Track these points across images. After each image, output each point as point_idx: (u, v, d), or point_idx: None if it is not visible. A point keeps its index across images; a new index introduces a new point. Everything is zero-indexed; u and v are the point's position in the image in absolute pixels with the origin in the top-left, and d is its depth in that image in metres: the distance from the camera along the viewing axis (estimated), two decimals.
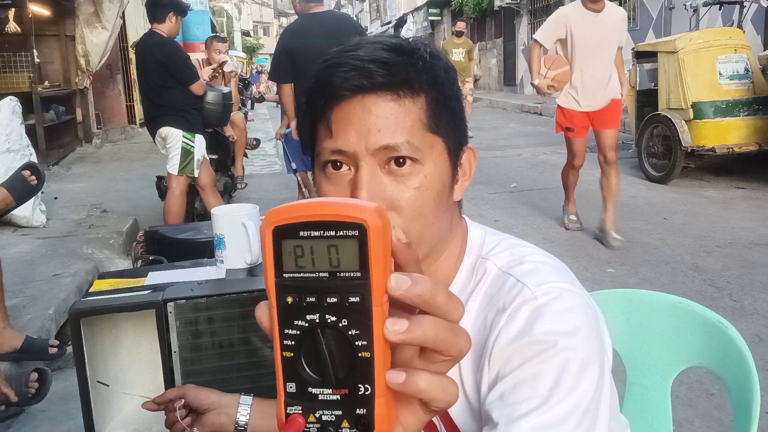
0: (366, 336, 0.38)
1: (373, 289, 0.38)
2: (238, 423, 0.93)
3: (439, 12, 22.90)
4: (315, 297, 0.38)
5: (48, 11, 8.27)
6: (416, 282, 0.38)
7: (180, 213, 4.16)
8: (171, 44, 4.11)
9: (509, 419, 0.65)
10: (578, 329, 0.69)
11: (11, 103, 4.37)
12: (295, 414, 0.40)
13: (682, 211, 4.95)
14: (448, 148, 0.74)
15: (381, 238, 0.38)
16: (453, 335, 0.40)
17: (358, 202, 0.39)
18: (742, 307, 3.10)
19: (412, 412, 0.42)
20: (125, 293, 1.05)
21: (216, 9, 26.31)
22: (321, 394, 0.40)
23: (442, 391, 0.40)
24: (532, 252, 0.80)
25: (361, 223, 0.37)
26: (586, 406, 0.66)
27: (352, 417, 0.39)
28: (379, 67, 0.68)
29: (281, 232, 0.39)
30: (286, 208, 0.39)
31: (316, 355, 0.39)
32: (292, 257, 0.39)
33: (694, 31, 6.26)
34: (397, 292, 0.38)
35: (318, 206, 0.38)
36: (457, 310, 0.40)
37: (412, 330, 0.38)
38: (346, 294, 0.38)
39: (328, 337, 0.39)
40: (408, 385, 0.39)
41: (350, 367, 0.39)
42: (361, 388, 0.39)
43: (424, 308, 0.39)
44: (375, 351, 0.38)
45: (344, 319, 0.38)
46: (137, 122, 10.80)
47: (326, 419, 0.40)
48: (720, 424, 2.17)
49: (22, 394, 2.22)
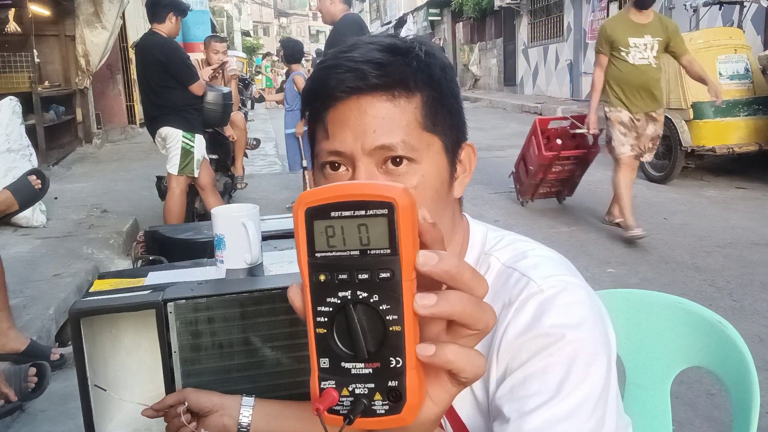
0: (396, 310, 0.40)
1: (403, 264, 0.39)
2: (240, 424, 0.93)
3: (439, 12, 22.91)
4: (347, 274, 0.40)
5: (48, 11, 8.26)
6: (443, 258, 0.40)
7: (180, 213, 4.16)
8: (171, 44, 4.11)
9: (521, 413, 0.65)
10: (584, 322, 0.70)
11: (11, 103, 4.37)
12: (329, 388, 0.42)
13: (682, 211, 4.95)
14: (446, 146, 0.74)
15: (409, 216, 0.39)
16: (479, 309, 0.41)
17: (386, 183, 0.41)
18: (742, 307, 3.11)
19: (440, 385, 0.43)
20: (125, 293, 1.05)
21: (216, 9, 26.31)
22: (353, 368, 0.41)
23: (469, 363, 0.41)
24: (535, 247, 0.81)
25: (390, 202, 0.39)
26: (596, 397, 0.66)
27: (384, 389, 0.41)
28: (373, 68, 0.69)
29: (313, 213, 0.40)
30: (318, 190, 0.41)
31: (348, 330, 0.41)
32: (323, 237, 0.40)
33: (694, 31, 6.27)
34: (425, 268, 0.39)
35: (348, 187, 0.40)
36: (482, 286, 0.42)
37: (440, 304, 0.40)
38: (376, 270, 0.40)
39: (359, 313, 0.40)
40: (437, 357, 0.40)
41: (381, 342, 0.41)
42: (392, 361, 0.40)
43: (451, 284, 0.41)
44: (405, 325, 0.40)
45: (375, 294, 0.40)
46: (137, 122, 10.79)
47: (359, 392, 0.41)
48: (720, 424, 2.17)
49: (22, 390, 2.22)
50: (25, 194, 2.48)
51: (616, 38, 4.06)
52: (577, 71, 13.61)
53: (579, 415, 0.65)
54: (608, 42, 4.10)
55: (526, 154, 5.06)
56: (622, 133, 4.16)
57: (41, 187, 2.52)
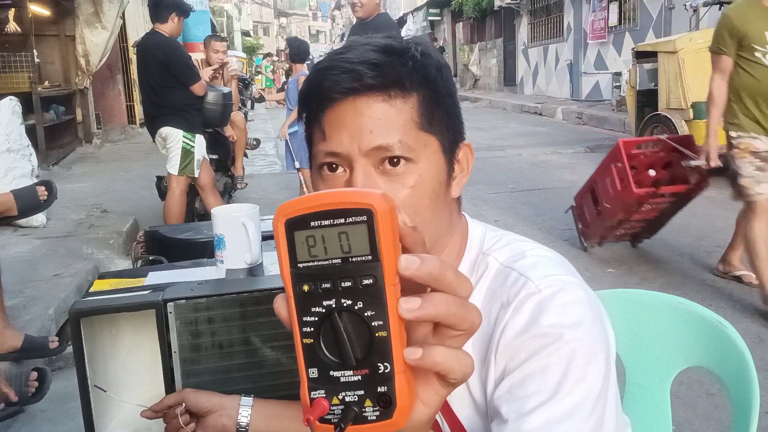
0: (381, 316, 0.40)
1: (385, 270, 0.39)
2: (239, 424, 0.93)
3: (439, 12, 22.91)
4: (330, 283, 0.40)
5: (48, 11, 8.26)
6: (425, 261, 0.40)
7: (180, 213, 4.16)
8: (172, 44, 4.11)
9: (519, 414, 0.65)
10: (582, 321, 0.70)
11: (11, 103, 4.37)
12: (319, 398, 0.42)
13: (682, 211, 4.95)
14: (443, 146, 0.74)
15: (389, 221, 0.39)
16: (464, 309, 0.41)
17: (364, 189, 0.41)
18: (742, 307, 3.11)
19: (430, 387, 0.43)
20: (125, 293, 1.05)
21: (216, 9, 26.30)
22: (342, 377, 0.41)
23: (458, 363, 0.42)
24: (533, 247, 0.81)
25: (368, 209, 0.39)
26: (595, 397, 0.66)
27: (374, 395, 0.41)
28: (369, 69, 0.69)
29: (293, 223, 0.40)
30: (296, 201, 0.41)
31: (335, 338, 0.41)
32: (305, 247, 0.40)
33: (694, 31, 6.28)
34: (407, 272, 0.39)
35: (326, 196, 0.40)
36: (466, 286, 0.42)
37: (425, 307, 0.40)
38: (359, 277, 0.40)
39: (345, 321, 0.40)
40: (425, 360, 0.40)
41: (368, 348, 0.41)
42: (380, 366, 0.41)
43: (434, 286, 0.41)
44: (391, 330, 0.40)
45: (359, 301, 0.40)
46: (137, 122, 10.79)
47: (349, 400, 0.41)
48: (720, 424, 2.17)
49: (22, 393, 2.22)
50: (28, 201, 2.48)
51: (749, 32, 2.90)
52: (577, 71, 13.61)
53: (578, 415, 0.65)
54: (735, 37, 2.94)
55: (599, 187, 3.78)
56: (758, 167, 2.97)
57: (46, 199, 2.52)
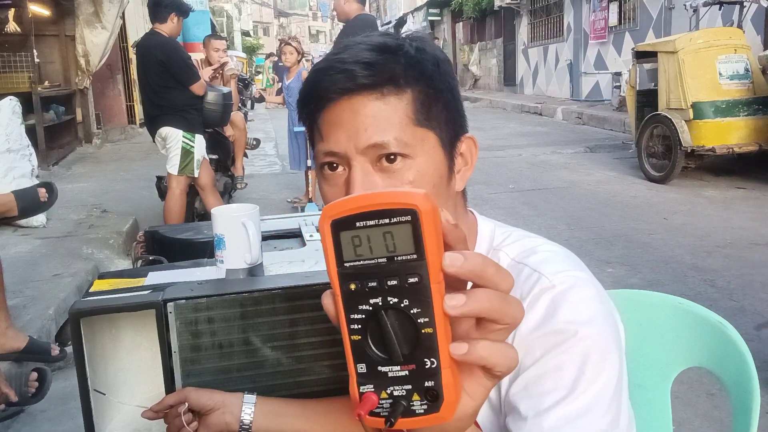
0: (427, 313, 0.41)
1: (430, 268, 0.40)
2: (242, 422, 0.93)
3: (439, 12, 22.92)
4: (376, 282, 0.41)
5: (48, 11, 8.26)
6: (468, 258, 0.41)
7: (180, 213, 4.16)
8: (172, 44, 4.11)
9: (537, 411, 0.66)
10: (595, 317, 0.70)
11: (11, 103, 4.37)
12: (368, 392, 0.43)
13: (682, 211, 4.95)
14: (442, 140, 0.75)
15: (432, 221, 0.41)
16: (506, 304, 0.42)
17: (407, 190, 0.42)
18: (742, 307, 3.10)
19: (475, 380, 0.44)
20: (125, 293, 1.05)
21: (216, 9, 26.32)
22: (390, 372, 0.43)
23: (502, 357, 0.43)
24: (543, 242, 0.81)
25: (412, 209, 0.40)
26: (611, 392, 0.67)
27: (422, 390, 0.42)
28: (362, 69, 0.70)
29: (338, 224, 0.42)
30: (341, 202, 0.42)
31: (382, 335, 0.42)
32: (350, 247, 0.41)
33: (694, 31, 6.26)
34: (451, 269, 0.41)
35: (370, 197, 0.41)
36: (507, 280, 0.43)
37: (470, 303, 0.41)
38: (404, 276, 0.41)
39: (391, 318, 0.42)
40: (470, 355, 0.42)
41: (415, 344, 0.42)
42: (427, 362, 0.42)
43: (477, 282, 0.42)
44: (437, 326, 0.41)
45: (405, 299, 0.41)
46: (137, 122, 10.79)
47: (397, 394, 0.43)
48: (720, 424, 2.17)
49: (22, 394, 2.23)
50: (28, 202, 2.49)
51: None
52: (577, 71, 13.61)
53: (595, 411, 0.66)
54: None
55: None
56: None
57: (46, 201, 2.53)
